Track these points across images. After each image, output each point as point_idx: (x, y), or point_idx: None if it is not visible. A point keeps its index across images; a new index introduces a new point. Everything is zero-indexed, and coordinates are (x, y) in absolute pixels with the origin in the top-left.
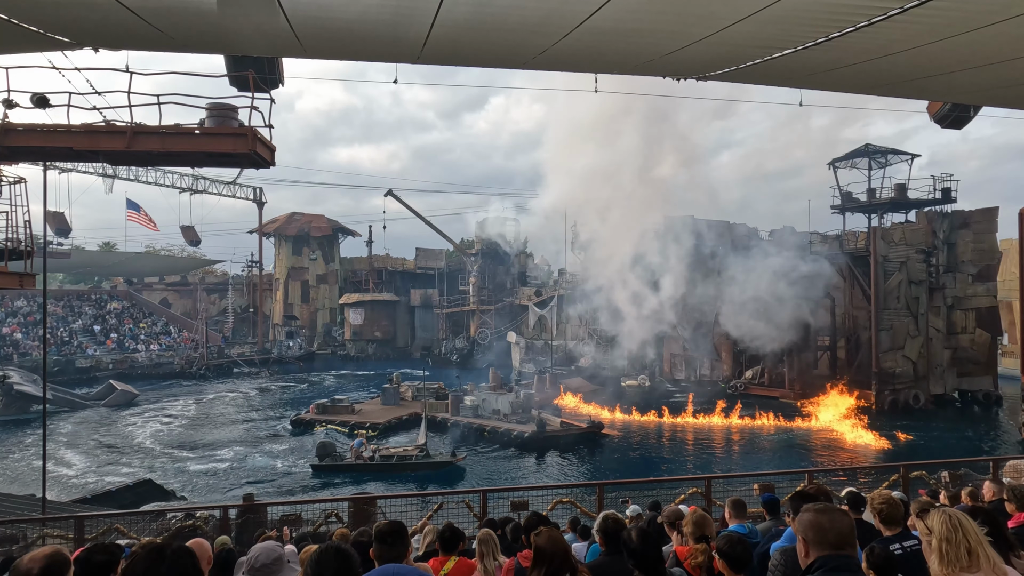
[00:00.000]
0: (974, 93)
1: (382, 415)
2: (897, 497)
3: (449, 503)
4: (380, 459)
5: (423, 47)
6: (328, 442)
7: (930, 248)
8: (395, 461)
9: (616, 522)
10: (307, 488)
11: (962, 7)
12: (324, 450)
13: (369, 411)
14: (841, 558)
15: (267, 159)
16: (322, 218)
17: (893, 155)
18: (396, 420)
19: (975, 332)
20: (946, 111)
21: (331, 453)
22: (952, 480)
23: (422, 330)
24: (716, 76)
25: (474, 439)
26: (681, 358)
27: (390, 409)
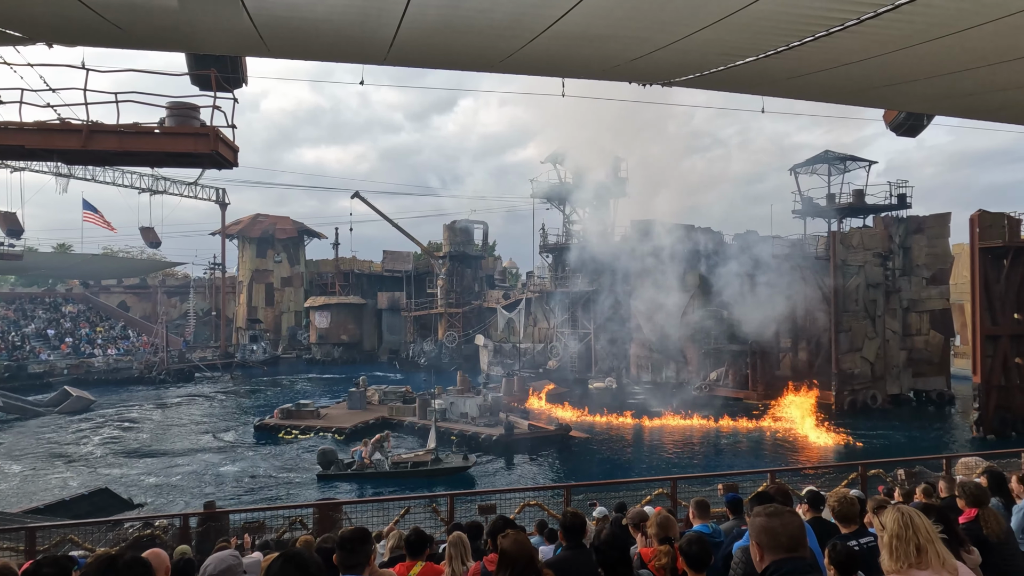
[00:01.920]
0: (927, 102)
1: (348, 419)
2: (853, 495)
3: (416, 507)
4: (393, 466)
5: (390, 49)
6: (329, 449)
7: (887, 252)
8: (409, 468)
9: (576, 516)
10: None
11: (913, 21)
12: (326, 458)
13: (335, 415)
14: (794, 560)
15: (230, 160)
16: (287, 220)
17: (852, 161)
18: (362, 424)
19: (929, 334)
20: (901, 119)
21: (334, 461)
22: (908, 478)
23: (389, 333)
24: (681, 82)
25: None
26: (647, 360)
27: (356, 413)
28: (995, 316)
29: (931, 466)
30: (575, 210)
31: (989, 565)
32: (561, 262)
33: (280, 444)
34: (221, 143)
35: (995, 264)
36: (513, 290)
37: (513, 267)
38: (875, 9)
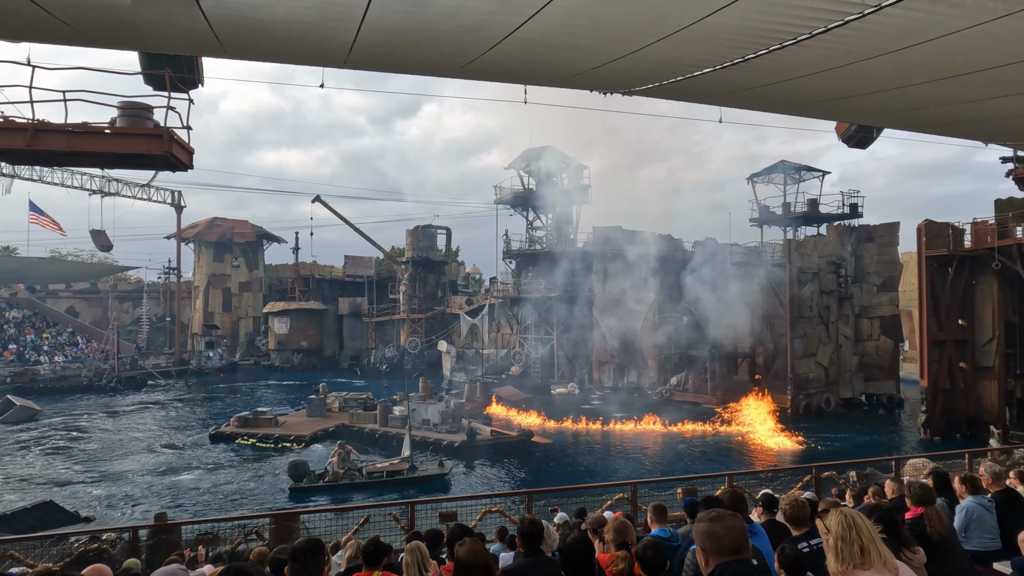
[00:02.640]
0: (876, 115)
1: (307, 427)
2: (804, 498)
3: (376, 516)
4: (368, 476)
5: (350, 51)
6: (301, 461)
7: (839, 260)
8: (385, 476)
9: (533, 524)
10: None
11: (863, 37)
12: (297, 470)
13: (294, 423)
14: (737, 563)
15: (185, 162)
16: (246, 223)
17: (806, 171)
18: (322, 432)
19: (880, 339)
20: (852, 132)
21: (305, 473)
22: (859, 479)
23: (351, 339)
24: (641, 91)
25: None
26: (610, 366)
27: (316, 421)
28: (941, 322)
29: (881, 467)
30: (538, 216)
31: (935, 562)
32: (524, 268)
33: (237, 453)
34: (175, 144)
35: (941, 272)
36: (476, 296)
37: (477, 273)
38: (826, 24)
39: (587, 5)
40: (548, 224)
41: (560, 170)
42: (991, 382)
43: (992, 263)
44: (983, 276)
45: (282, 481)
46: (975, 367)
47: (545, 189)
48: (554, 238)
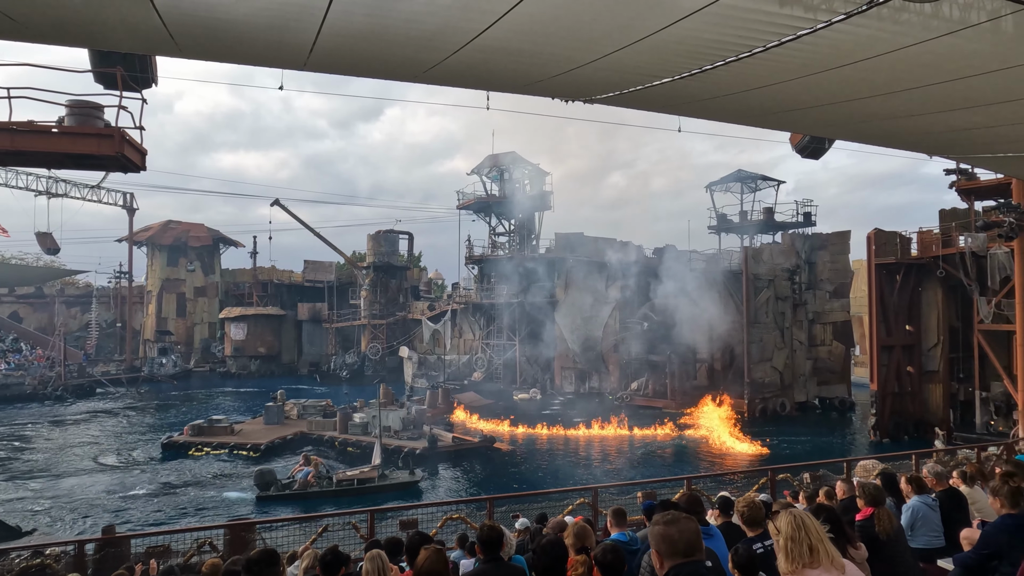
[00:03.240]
0: (827, 127)
1: (264, 435)
2: (760, 500)
3: (335, 525)
4: (339, 484)
5: (310, 54)
6: (266, 470)
7: (794, 267)
8: (356, 485)
9: (492, 530)
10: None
11: (816, 51)
12: (264, 479)
13: (250, 431)
14: (691, 564)
15: (137, 163)
16: (202, 227)
17: (762, 180)
18: (280, 440)
19: (832, 344)
20: (806, 142)
21: (272, 482)
22: (812, 481)
23: (310, 345)
24: (601, 100)
25: (363, 459)
26: (571, 371)
27: (273, 429)
28: (889, 328)
29: (834, 469)
30: (501, 222)
31: (881, 560)
32: (487, 274)
33: (191, 462)
34: (127, 145)
35: (889, 279)
36: (439, 301)
37: (439, 278)
38: (780, 38)
39: (548, 14)
40: (511, 230)
41: (523, 176)
42: (936, 386)
43: (937, 271)
44: (928, 283)
45: (239, 490)
46: (921, 371)
47: (508, 195)
48: (517, 244)
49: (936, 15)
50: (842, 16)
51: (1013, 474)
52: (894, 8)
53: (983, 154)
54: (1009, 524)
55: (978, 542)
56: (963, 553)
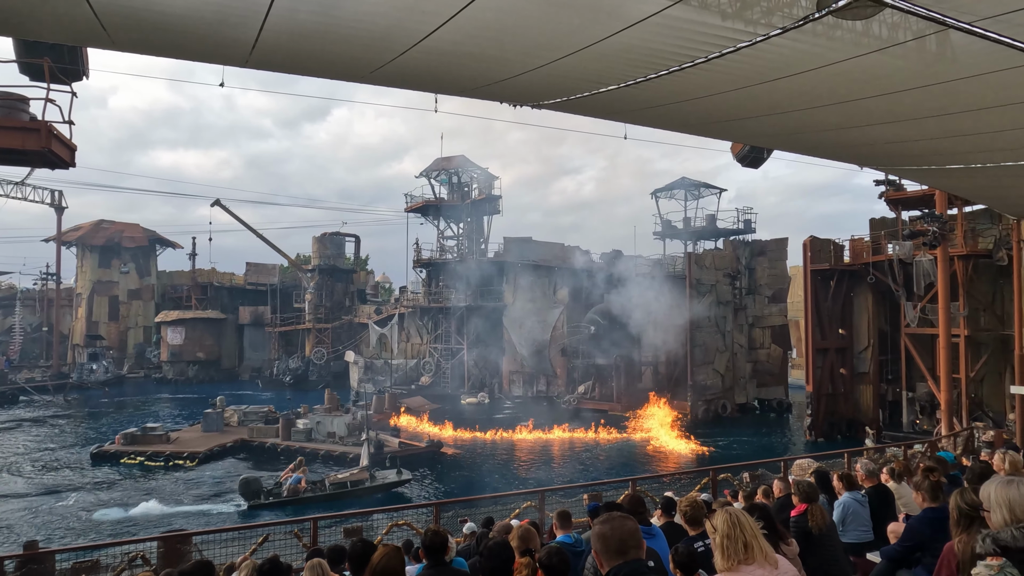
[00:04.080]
0: (764, 137)
1: (202, 443)
2: (702, 500)
3: (276, 534)
4: (332, 487)
5: (251, 51)
6: (252, 478)
7: (735, 273)
8: (349, 487)
9: (436, 535)
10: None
11: (754, 63)
12: (249, 487)
13: (187, 439)
14: (632, 564)
15: (65, 159)
16: (137, 227)
17: (705, 188)
18: (219, 448)
19: (770, 347)
20: (745, 152)
21: (259, 490)
22: (752, 480)
23: (252, 350)
24: (549, 105)
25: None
26: (520, 375)
27: (212, 436)
28: (823, 331)
29: (772, 468)
30: (449, 225)
31: (814, 554)
32: (435, 277)
33: (123, 473)
34: (55, 140)
35: (824, 284)
36: (386, 305)
37: (386, 282)
38: (720, 50)
39: (494, 19)
40: (459, 233)
41: (472, 180)
42: (867, 387)
43: (867, 277)
44: (860, 289)
45: (176, 499)
46: (853, 373)
47: (457, 198)
48: (465, 247)
49: (866, 33)
50: (779, 30)
51: (933, 469)
52: (828, 25)
53: (908, 166)
54: (930, 517)
55: (903, 535)
56: (889, 546)
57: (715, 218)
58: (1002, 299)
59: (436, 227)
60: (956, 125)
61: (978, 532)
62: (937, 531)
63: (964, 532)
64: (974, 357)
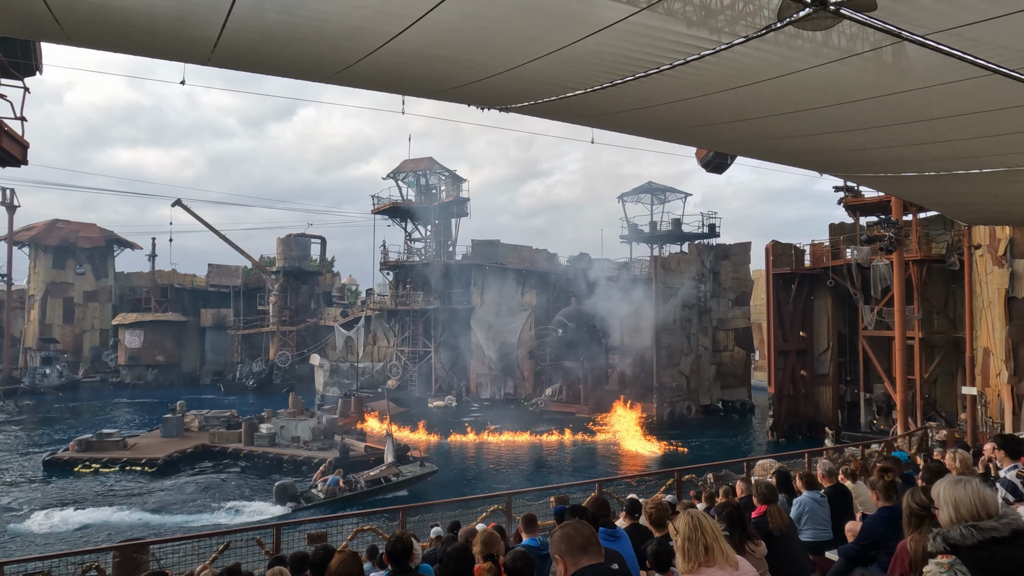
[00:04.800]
0: (728, 144)
1: (161, 449)
2: (666, 501)
3: (237, 542)
4: (367, 485)
5: (214, 49)
6: (287, 483)
7: (699, 276)
8: (383, 484)
9: (400, 541)
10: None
11: (717, 71)
12: (286, 492)
13: (146, 445)
14: (594, 567)
15: (17, 156)
16: (94, 227)
17: (671, 192)
18: (179, 454)
19: (734, 350)
20: (710, 157)
21: (296, 494)
22: (716, 481)
23: (214, 353)
24: (517, 109)
25: (269, 470)
26: (487, 378)
27: (172, 442)
28: (785, 334)
29: (735, 469)
30: (417, 227)
31: (775, 554)
32: (402, 279)
33: (77, 481)
34: (5, 137)
35: (785, 288)
36: (352, 307)
37: (353, 284)
38: (685, 57)
39: (461, 21)
40: (427, 236)
41: (440, 182)
42: (826, 388)
43: (827, 281)
44: (820, 292)
45: (135, 507)
46: (813, 375)
47: (424, 200)
48: (433, 250)
49: (826, 43)
50: (742, 39)
51: (888, 469)
52: (789, 35)
53: (865, 173)
54: (885, 516)
55: (859, 534)
56: (846, 544)
57: (680, 222)
58: (954, 303)
59: (404, 229)
60: (910, 134)
61: (929, 530)
62: (892, 529)
63: (915, 531)
64: (928, 359)
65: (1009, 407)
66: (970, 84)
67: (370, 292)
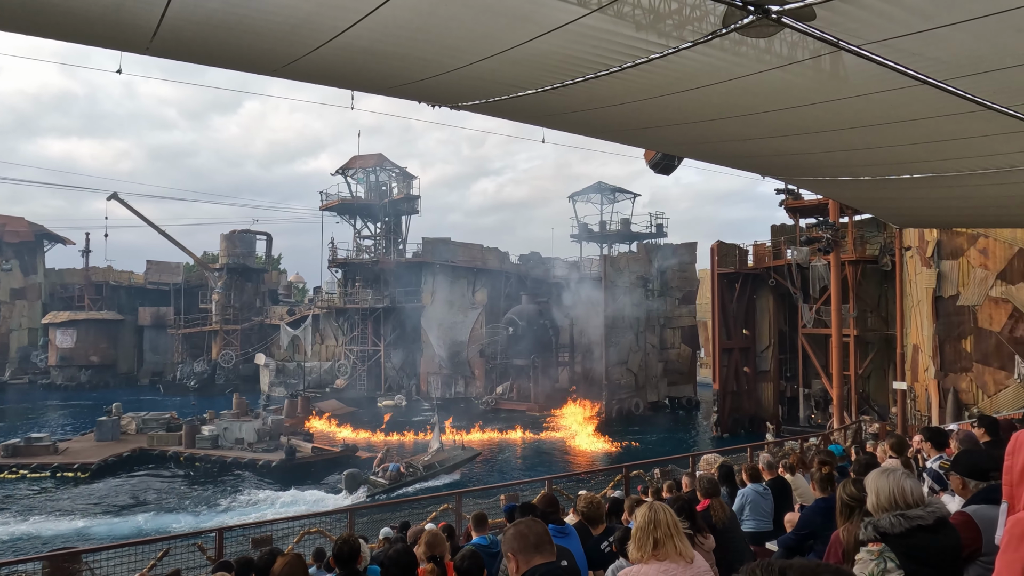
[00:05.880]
0: (675, 146)
1: (96, 453)
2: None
3: (177, 548)
4: (426, 469)
5: (152, 38)
6: (355, 471)
7: (647, 275)
8: (438, 468)
9: (346, 544)
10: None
11: (665, 74)
12: (355, 480)
13: (79, 449)
14: (545, 565)
15: None
16: (22, 221)
17: (620, 193)
18: (115, 458)
19: (680, 347)
20: (658, 159)
21: (363, 481)
22: (662, 476)
23: (153, 353)
24: (468, 107)
25: (211, 473)
26: (438, 377)
27: (107, 446)
28: (729, 332)
29: (681, 464)
30: (367, 225)
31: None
32: (351, 277)
33: (5, 488)
34: None
35: (729, 287)
36: (299, 306)
37: (300, 282)
38: (634, 60)
39: (412, 19)
40: (377, 233)
41: (390, 179)
42: (768, 384)
43: (769, 280)
44: (762, 291)
45: (67, 515)
46: (756, 371)
47: (374, 197)
48: (383, 248)
49: (768, 50)
50: (689, 44)
51: (827, 462)
52: (734, 41)
53: (804, 177)
54: (821, 506)
55: (797, 524)
56: (785, 535)
57: (629, 222)
58: (886, 302)
59: (353, 226)
60: (847, 140)
61: (860, 520)
62: (827, 519)
63: (847, 521)
64: (862, 355)
65: (936, 401)
66: (901, 93)
67: (318, 290)
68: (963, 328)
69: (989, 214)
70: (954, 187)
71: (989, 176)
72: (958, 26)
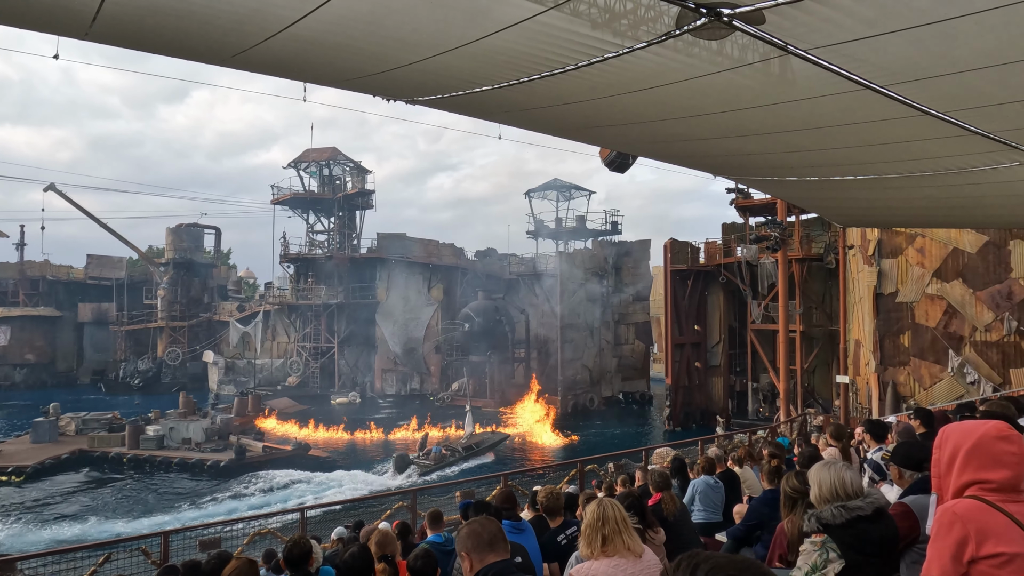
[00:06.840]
0: (629, 145)
1: (32, 455)
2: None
3: (120, 553)
4: (466, 450)
5: (92, 23)
6: (402, 454)
7: (602, 272)
8: (475, 449)
9: (296, 546)
10: None
11: (620, 73)
12: (404, 461)
13: (13, 452)
14: (499, 563)
15: None
16: None
17: (576, 190)
18: (52, 460)
19: (634, 343)
20: (613, 157)
21: (409, 462)
22: (616, 470)
23: (94, 351)
24: (424, 102)
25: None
26: (393, 373)
27: (44, 447)
28: (681, 327)
29: (634, 458)
30: (320, 219)
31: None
32: (304, 273)
33: None
34: None
35: (682, 284)
36: (250, 302)
37: (250, 277)
38: (589, 59)
39: (367, 11)
40: (330, 228)
41: (344, 173)
42: (718, 378)
43: (719, 277)
44: (712, 288)
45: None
46: (706, 366)
47: (327, 191)
48: (336, 243)
49: (720, 52)
50: (644, 44)
51: (776, 455)
52: (687, 42)
53: (753, 176)
54: (769, 498)
55: (745, 515)
56: (734, 526)
57: (585, 219)
58: (831, 298)
59: (305, 221)
60: (794, 141)
61: (803, 512)
62: (775, 511)
63: (791, 512)
64: (807, 350)
65: (876, 394)
66: (846, 97)
67: (269, 286)
68: (901, 324)
69: (926, 215)
70: (894, 188)
71: (927, 178)
72: (898, 34)
